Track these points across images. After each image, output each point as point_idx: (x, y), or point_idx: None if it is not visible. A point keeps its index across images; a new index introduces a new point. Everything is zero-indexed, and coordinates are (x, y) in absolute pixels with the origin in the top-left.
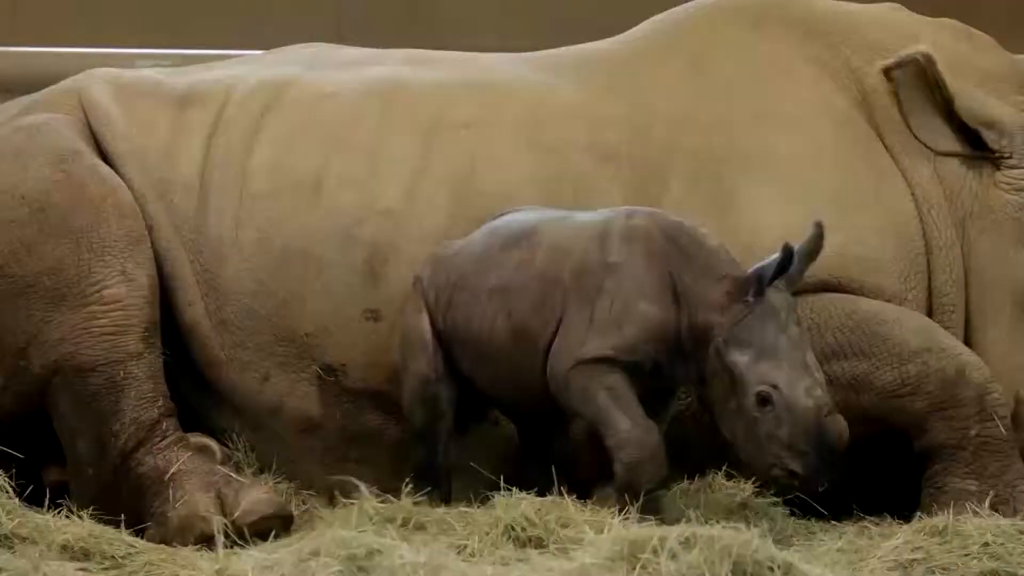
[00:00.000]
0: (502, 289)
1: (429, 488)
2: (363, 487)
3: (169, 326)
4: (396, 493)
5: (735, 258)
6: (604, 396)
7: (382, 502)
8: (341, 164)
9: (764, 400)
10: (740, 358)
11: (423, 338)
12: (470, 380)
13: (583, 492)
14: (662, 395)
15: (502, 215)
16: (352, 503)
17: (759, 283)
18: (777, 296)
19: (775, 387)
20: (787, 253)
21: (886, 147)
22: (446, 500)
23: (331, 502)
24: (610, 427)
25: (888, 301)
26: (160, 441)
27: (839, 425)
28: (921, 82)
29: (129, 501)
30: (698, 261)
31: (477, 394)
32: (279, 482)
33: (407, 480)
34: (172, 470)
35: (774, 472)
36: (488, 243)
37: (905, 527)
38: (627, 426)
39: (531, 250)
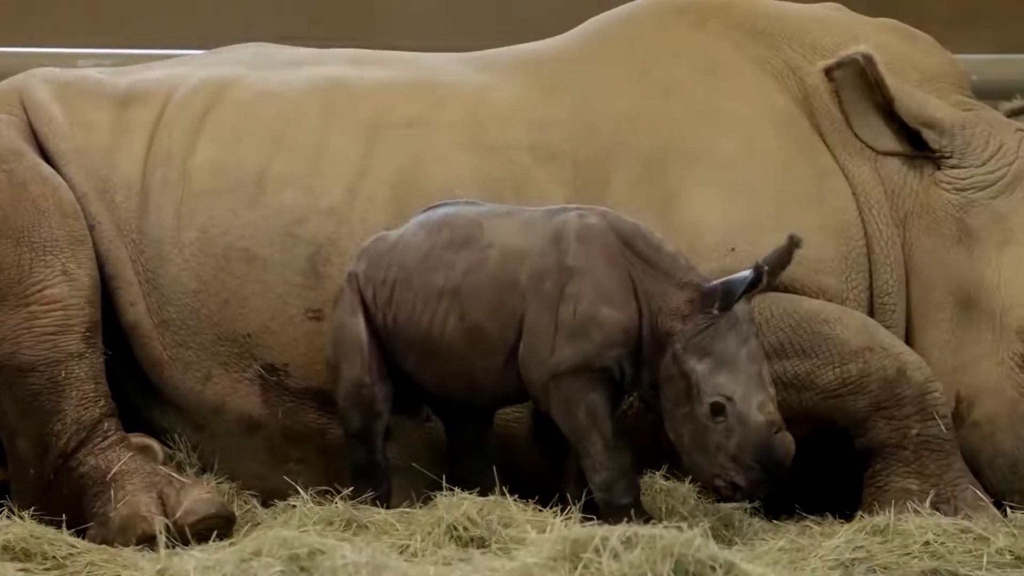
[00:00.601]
0: (453, 291)
1: (370, 489)
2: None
3: (111, 326)
4: (338, 493)
5: (691, 263)
6: (584, 415)
7: (323, 503)
8: (283, 163)
9: (717, 410)
10: (698, 366)
11: (358, 339)
12: (409, 376)
13: (525, 491)
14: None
15: (435, 207)
16: (294, 504)
17: (726, 298)
18: (740, 307)
19: (730, 399)
20: (758, 273)
21: (827, 147)
22: (386, 500)
23: (273, 503)
24: (586, 448)
25: (830, 300)
26: (101, 441)
27: (787, 442)
28: (862, 82)
29: (70, 501)
30: (658, 267)
31: (414, 389)
32: (221, 482)
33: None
34: (114, 470)
35: (716, 482)
36: (430, 240)
37: (846, 526)
38: (600, 448)
39: (481, 251)
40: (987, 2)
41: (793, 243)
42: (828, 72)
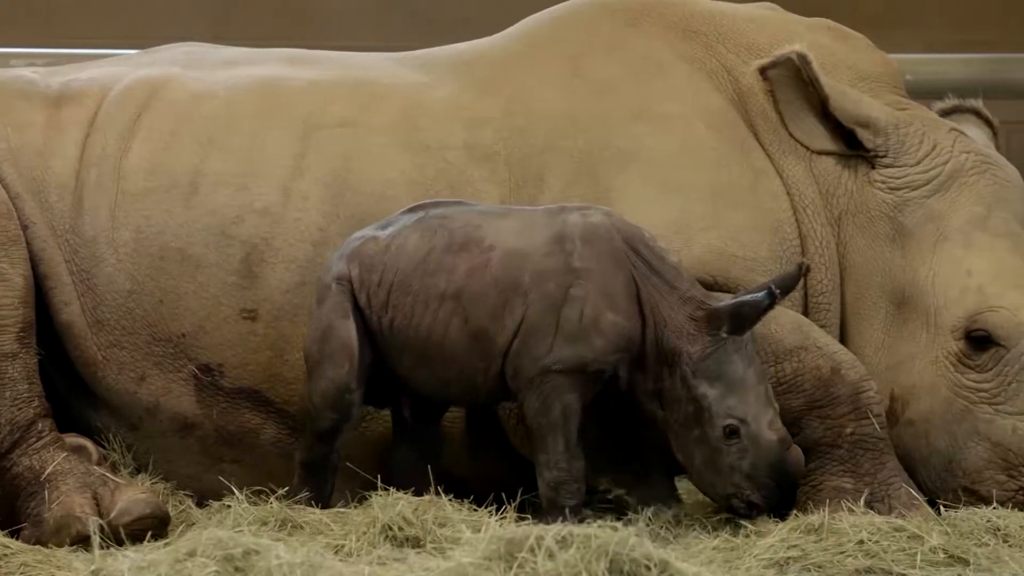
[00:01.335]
0: (455, 294)
1: (315, 488)
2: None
3: (45, 326)
4: (273, 493)
5: (692, 277)
6: (558, 413)
7: (258, 503)
8: (218, 163)
9: (731, 433)
10: (709, 391)
11: (349, 344)
12: (403, 378)
13: (460, 491)
14: (607, 399)
15: (422, 207)
16: (228, 504)
17: (737, 322)
18: None
19: (743, 420)
20: (771, 297)
21: (762, 146)
22: (326, 501)
23: (207, 503)
24: (547, 445)
25: None
26: (36, 442)
27: (797, 456)
28: (796, 81)
29: (4, 502)
30: (662, 276)
31: (393, 385)
32: (156, 482)
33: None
34: (48, 471)
35: (733, 502)
36: (427, 244)
37: (781, 525)
38: (562, 448)
39: (483, 254)
40: (920, 2)
41: (801, 269)
42: (763, 71)
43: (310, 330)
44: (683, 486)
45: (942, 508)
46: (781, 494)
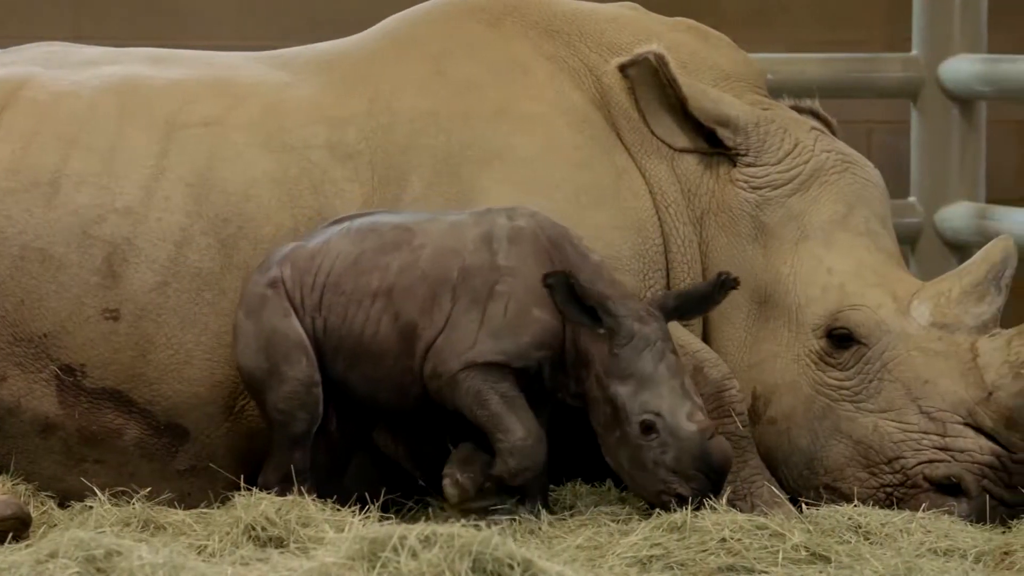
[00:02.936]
0: (387, 291)
1: (311, 485)
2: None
3: None
4: (136, 493)
5: (614, 276)
6: (498, 401)
7: (120, 504)
8: (79, 163)
9: (648, 428)
10: (621, 389)
11: (299, 340)
12: (337, 382)
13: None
14: (538, 396)
15: (349, 218)
16: (91, 505)
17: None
18: (650, 327)
19: (658, 415)
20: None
21: (624, 145)
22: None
23: (69, 504)
24: (506, 432)
25: None
26: None
27: (723, 446)
28: (655, 80)
29: None
30: (583, 275)
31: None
32: (17, 483)
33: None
34: None
35: (663, 497)
36: (358, 247)
37: (644, 523)
38: (522, 434)
39: (414, 251)
40: (782, 2)
41: (721, 281)
42: (622, 69)
43: (243, 346)
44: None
45: (804, 506)
46: (710, 484)
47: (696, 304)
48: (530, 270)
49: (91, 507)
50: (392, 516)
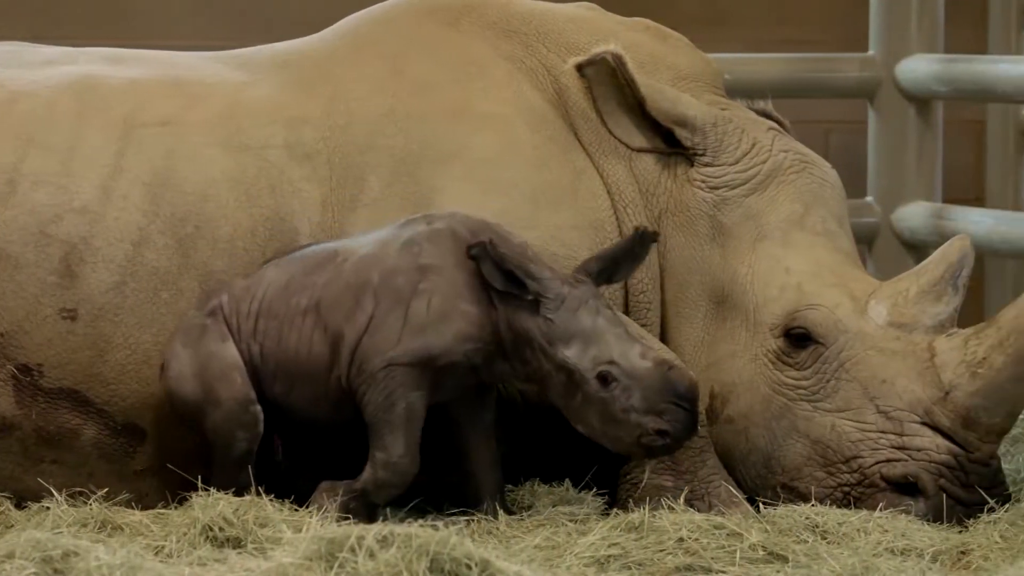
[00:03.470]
0: (315, 307)
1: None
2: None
3: None
4: (93, 494)
5: (538, 254)
6: (401, 412)
7: (78, 504)
8: (36, 162)
9: (605, 379)
10: (568, 352)
11: (234, 361)
12: (279, 405)
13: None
14: (479, 392)
15: (278, 255)
16: (48, 505)
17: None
18: (579, 289)
19: (611, 362)
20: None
21: (582, 145)
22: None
23: (26, 505)
24: (387, 444)
25: None
26: None
27: (684, 374)
28: (613, 80)
29: None
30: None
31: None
32: None
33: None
34: None
35: (644, 440)
36: (287, 273)
37: (601, 523)
38: (402, 452)
39: (337, 267)
40: (739, 2)
41: (639, 236)
42: (579, 69)
43: (175, 373)
44: None
45: (761, 505)
46: (684, 413)
47: (620, 264)
48: (452, 266)
49: (48, 508)
50: (350, 516)
